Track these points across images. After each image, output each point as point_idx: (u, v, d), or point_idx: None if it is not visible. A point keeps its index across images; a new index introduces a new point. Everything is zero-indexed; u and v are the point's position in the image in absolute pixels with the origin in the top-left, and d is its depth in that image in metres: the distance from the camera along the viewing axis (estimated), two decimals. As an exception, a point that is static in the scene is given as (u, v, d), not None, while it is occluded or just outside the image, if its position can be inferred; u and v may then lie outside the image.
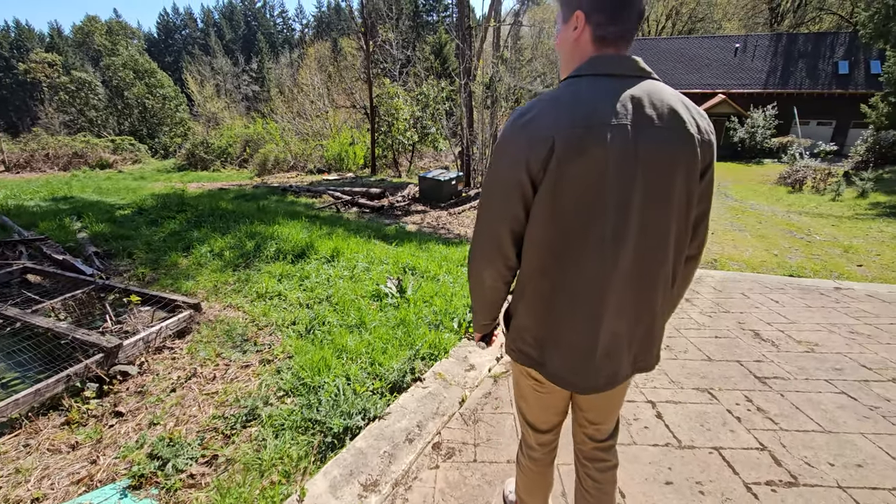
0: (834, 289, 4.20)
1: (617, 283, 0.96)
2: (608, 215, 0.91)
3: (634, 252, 0.95)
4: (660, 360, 1.12)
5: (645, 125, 0.89)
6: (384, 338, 3.00)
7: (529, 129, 0.91)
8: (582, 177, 0.89)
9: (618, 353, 1.03)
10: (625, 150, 0.88)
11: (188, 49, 71.69)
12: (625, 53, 0.95)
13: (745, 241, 6.52)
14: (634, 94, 0.90)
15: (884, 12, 15.53)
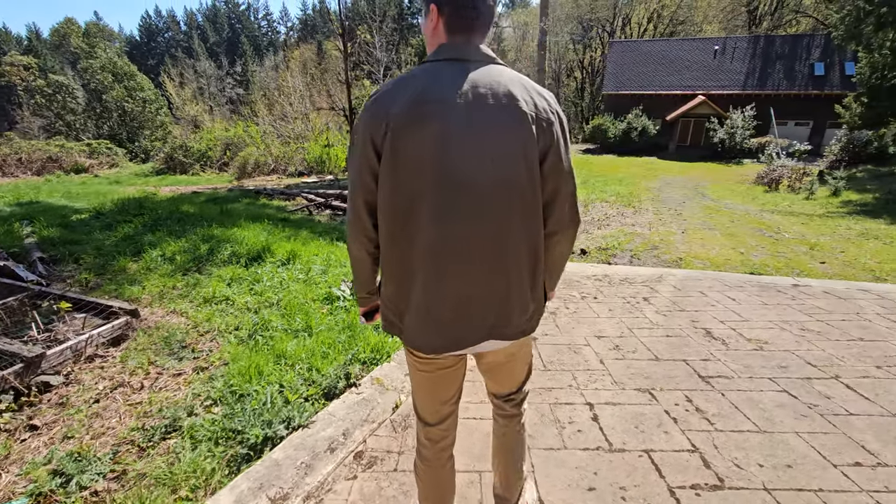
0: (792, 286, 4.20)
1: (456, 250, 1.01)
2: (443, 186, 0.97)
3: (473, 222, 1.00)
4: (529, 333, 1.17)
5: (480, 103, 0.96)
6: (327, 342, 2.90)
7: (373, 108, 1.00)
8: (416, 150, 0.96)
9: (466, 318, 1.07)
10: (458, 126, 0.95)
11: (171, 52, 70.87)
12: (476, 42, 1.03)
13: (713, 239, 6.54)
14: (473, 76, 0.98)
15: (854, 14, 15.85)
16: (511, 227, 1.02)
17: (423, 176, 0.97)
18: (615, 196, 12.35)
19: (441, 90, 0.96)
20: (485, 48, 1.03)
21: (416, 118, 0.95)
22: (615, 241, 6.41)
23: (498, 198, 0.99)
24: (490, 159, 0.97)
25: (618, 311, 3.63)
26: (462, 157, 0.96)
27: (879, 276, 4.71)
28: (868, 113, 17.07)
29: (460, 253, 1.01)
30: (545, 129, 1.01)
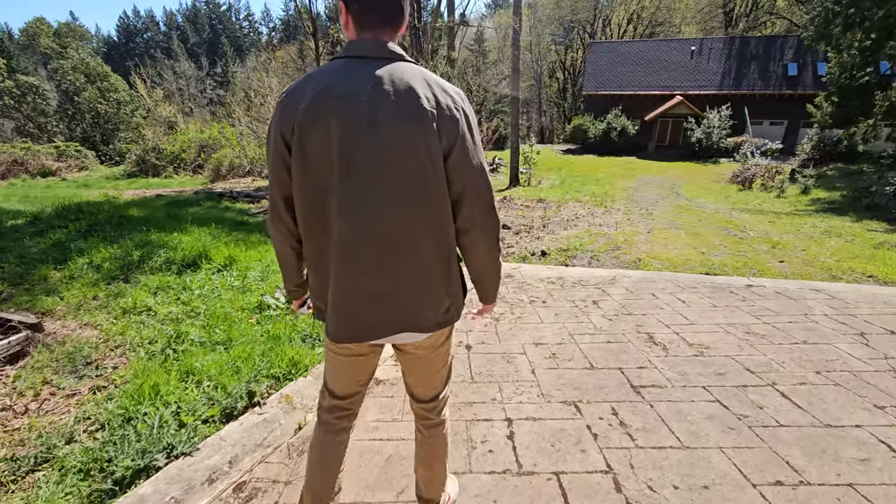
0: (745, 286, 4.11)
1: (362, 244, 1.03)
2: (347, 181, 0.99)
3: (376, 217, 1.02)
4: (447, 325, 1.19)
5: (382, 100, 0.97)
6: (243, 356, 2.69)
7: (283, 104, 1.03)
8: (320, 145, 0.98)
9: (375, 310, 1.10)
10: (359, 123, 0.97)
11: (150, 53, 69.66)
12: (383, 38, 1.03)
13: (677, 239, 6.47)
14: (377, 73, 0.99)
15: (823, 15, 16.10)
16: (415, 223, 1.04)
17: (330, 171, 0.99)
18: (589, 196, 12.31)
19: (344, 87, 0.98)
20: (393, 45, 1.04)
21: (319, 114, 0.97)
22: (578, 241, 6.29)
23: (400, 193, 1.01)
24: (391, 155, 0.98)
25: (564, 315, 3.49)
26: (363, 153, 0.97)
27: (836, 275, 4.65)
28: (838, 112, 17.37)
29: (365, 247, 1.04)
30: (448, 126, 1.01)
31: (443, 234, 1.08)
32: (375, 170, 0.98)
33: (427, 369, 1.32)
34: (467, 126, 1.04)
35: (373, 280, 1.06)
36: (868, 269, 4.84)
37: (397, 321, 1.12)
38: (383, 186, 1.00)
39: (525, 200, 11.73)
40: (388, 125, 0.97)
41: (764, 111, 24.64)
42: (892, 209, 9.07)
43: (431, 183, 1.02)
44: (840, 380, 2.45)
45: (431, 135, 0.98)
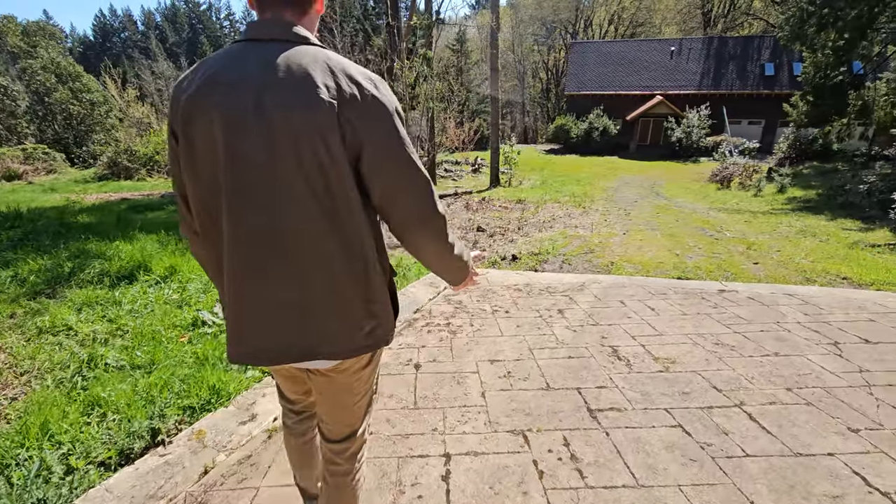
0: (718, 292, 3.94)
1: (251, 247, 0.91)
2: (234, 176, 0.87)
3: (267, 216, 0.89)
4: (368, 351, 1.03)
5: (272, 87, 0.84)
6: (159, 383, 2.40)
7: (174, 92, 0.93)
8: (206, 138, 0.88)
9: (272, 328, 0.96)
10: (246, 111, 0.84)
11: (128, 52, 68.35)
12: (285, 19, 0.91)
13: (653, 240, 6.32)
14: (272, 58, 0.86)
15: (798, 15, 16.26)
16: (315, 227, 0.90)
17: (217, 165, 0.88)
18: (569, 196, 12.19)
19: (233, 73, 0.86)
20: (300, 28, 0.91)
21: (203, 103, 0.86)
22: (552, 244, 6.10)
23: (294, 191, 0.87)
24: (281, 149, 0.85)
25: (526, 327, 3.26)
26: (251, 146, 0.85)
27: (810, 277, 4.52)
28: (813, 111, 17.60)
29: (255, 252, 0.91)
30: (354, 118, 0.86)
31: (353, 242, 0.93)
32: (264, 164, 0.85)
33: (340, 397, 1.13)
34: (384, 118, 0.89)
35: (265, 291, 0.93)
36: (842, 270, 4.73)
37: (302, 344, 0.97)
38: (274, 183, 0.86)
39: (504, 201, 11.55)
40: (278, 115, 0.83)
41: (742, 111, 24.93)
42: (865, 207, 9.10)
43: (334, 181, 0.87)
44: (812, 398, 2.27)
45: (330, 127, 0.84)
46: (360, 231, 0.94)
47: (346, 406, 1.15)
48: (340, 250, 0.93)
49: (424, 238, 1.00)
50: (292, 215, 0.88)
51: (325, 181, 0.87)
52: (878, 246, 5.84)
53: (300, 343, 0.97)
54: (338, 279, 0.94)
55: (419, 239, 1.00)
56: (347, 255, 0.93)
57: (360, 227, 0.94)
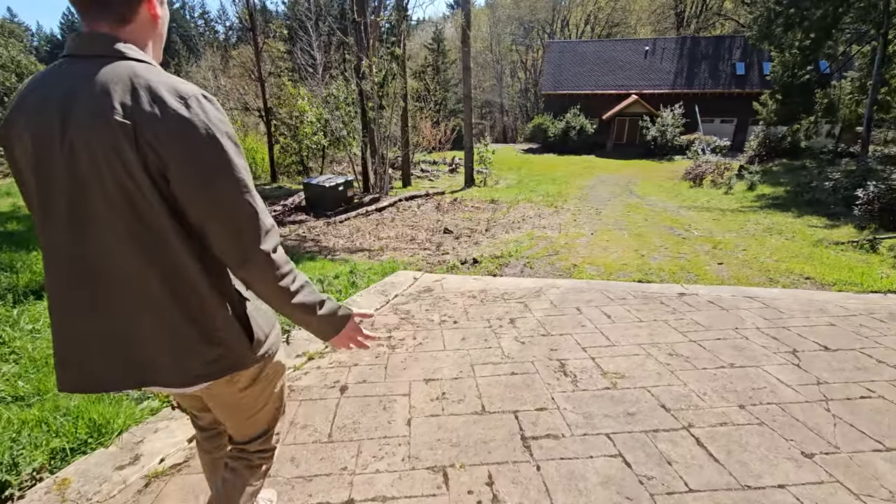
0: (678, 295, 3.76)
1: (71, 275, 0.89)
2: (46, 207, 0.86)
3: (78, 241, 0.86)
4: (213, 378, 0.97)
5: (75, 107, 0.80)
6: (35, 419, 2.07)
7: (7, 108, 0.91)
8: (21, 162, 0.86)
9: (92, 354, 0.93)
10: (53, 133, 0.81)
11: None
12: (101, 30, 0.84)
13: (620, 240, 6.17)
14: (80, 77, 0.81)
15: (766, 15, 16.52)
16: (127, 251, 0.85)
17: (31, 191, 0.86)
18: (543, 196, 12.06)
19: (43, 93, 0.83)
20: (120, 44, 0.83)
21: (16, 126, 0.84)
22: (516, 246, 5.89)
23: (102, 215, 0.83)
24: (83, 171, 0.80)
25: (472, 339, 3.01)
26: (57, 175, 0.82)
27: (773, 278, 4.40)
28: (782, 109, 17.92)
29: (68, 277, 0.88)
30: (153, 140, 0.78)
31: (178, 274, 0.88)
32: (70, 192, 0.83)
33: (231, 412, 1.14)
34: (192, 139, 0.80)
35: (84, 317, 0.91)
36: (806, 269, 4.63)
37: (131, 371, 0.95)
38: (83, 213, 0.84)
39: (477, 202, 11.35)
40: (78, 140, 0.80)
41: (715, 109, 25.32)
42: (830, 204, 9.18)
43: (144, 209, 0.83)
44: (766, 417, 2.07)
45: (128, 150, 0.78)
46: (183, 262, 0.88)
47: (240, 420, 1.15)
48: (162, 283, 0.88)
49: (249, 277, 0.91)
50: (107, 246, 0.85)
51: (133, 209, 0.82)
52: (842, 243, 5.81)
53: (130, 373, 0.95)
54: (163, 306, 0.89)
55: (244, 276, 0.91)
56: (172, 289, 0.89)
57: (183, 257, 0.88)
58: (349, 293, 3.99)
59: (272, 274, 0.90)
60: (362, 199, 10.52)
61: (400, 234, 7.48)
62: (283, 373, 1.23)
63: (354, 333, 1.10)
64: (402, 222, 8.62)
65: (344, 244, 6.93)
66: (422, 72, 30.68)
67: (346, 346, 1.11)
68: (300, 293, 0.96)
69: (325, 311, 1.01)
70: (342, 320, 1.06)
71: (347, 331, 1.08)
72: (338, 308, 1.05)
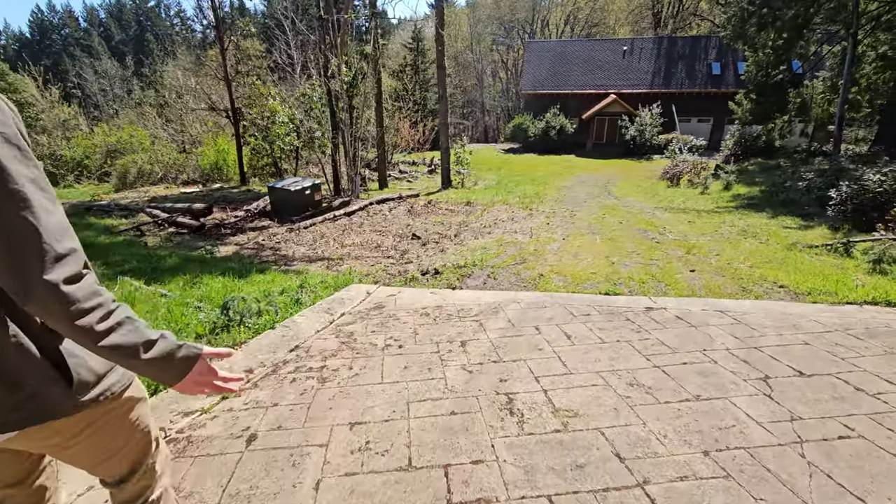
0: (645, 310, 3.50)
1: None
2: None
3: None
4: (27, 425, 0.85)
5: None
6: None
7: None
8: None
9: None
10: None
11: (69, 51, 64.57)
12: None
13: (591, 246, 5.92)
14: None
15: (740, 15, 16.60)
16: None
17: None
18: (520, 197, 11.81)
19: None
20: None
21: None
22: (483, 254, 5.59)
23: None
24: None
25: (416, 368, 2.69)
26: None
27: (746, 287, 4.18)
28: (757, 109, 18.06)
29: None
30: None
31: None
32: None
33: (75, 460, 1.00)
34: None
35: None
36: (779, 276, 4.43)
37: None
38: None
39: (452, 204, 11.04)
40: None
41: (692, 109, 25.51)
42: (804, 204, 9.13)
43: None
44: (733, 466, 1.79)
45: None
46: None
47: (94, 465, 1.03)
48: None
49: (40, 317, 0.82)
50: None
51: None
52: (816, 247, 5.66)
53: None
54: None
55: (39, 313, 0.79)
56: None
57: None
58: (290, 312, 3.62)
59: (64, 310, 0.75)
60: (332, 203, 10.11)
61: (366, 241, 7.11)
62: (143, 405, 1.07)
63: (205, 378, 0.94)
64: (371, 227, 8.25)
65: (304, 252, 6.53)
66: (401, 71, 30.27)
67: (196, 392, 0.95)
68: (113, 333, 0.80)
69: (154, 353, 0.85)
70: (185, 363, 0.90)
71: (195, 375, 0.92)
72: (176, 348, 0.89)
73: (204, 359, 0.94)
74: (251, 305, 3.40)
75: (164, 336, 0.88)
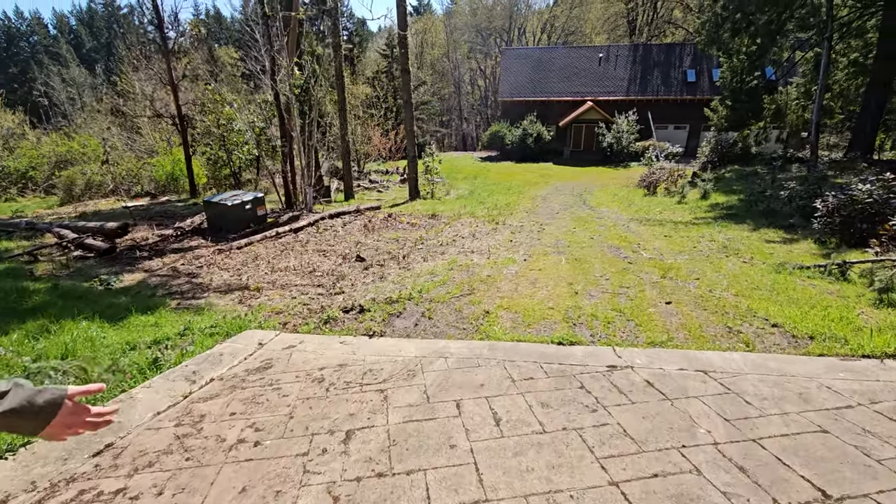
0: (607, 369, 2.67)
1: None
2: None
3: None
4: None
5: None
6: None
7: None
8: None
9: None
10: None
11: (37, 58, 62.43)
12: None
13: (554, 270, 5.11)
14: None
15: (713, 20, 16.31)
16: None
17: None
18: (489, 208, 11.04)
19: None
20: None
21: None
22: (427, 282, 4.72)
23: None
24: None
25: (258, 492, 1.79)
26: None
27: (733, 326, 3.40)
28: (732, 115, 17.77)
29: None
30: None
31: None
32: None
33: None
34: None
35: None
36: (771, 310, 3.67)
37: None
38: None
39: (415, 217, 10.17)
40: None
41: (668, 116, 25.30)
42: (785, 214, 8.54)
43: None
44: None
45: None
46: None
47: None
48: None
49: None
50: None
51: None
52: (807, 268, 4.95)
53: None
54: None
55: None
56: None
57: None
58: (138, 380, 2.69)
59: None
60: (279, 217, 9.14)
61: (302, 264, 6.18)
62: None
63: (75, 419, 0.87)
64: (316, 246, 7.32)
65: (225, 280, 5.58)
66: (375, 78, 29.45)
67: (68, 436, 0.88)
68: None
69: (10, 405, 0.79)
70: (50, 408, 0.84)
71: (63, 418, 0.86)
72: (35, 394, 0.82)
73: (72, 398, 0.86)
74: (61, 376, 2.45)
75: (19, 384, 0.81)
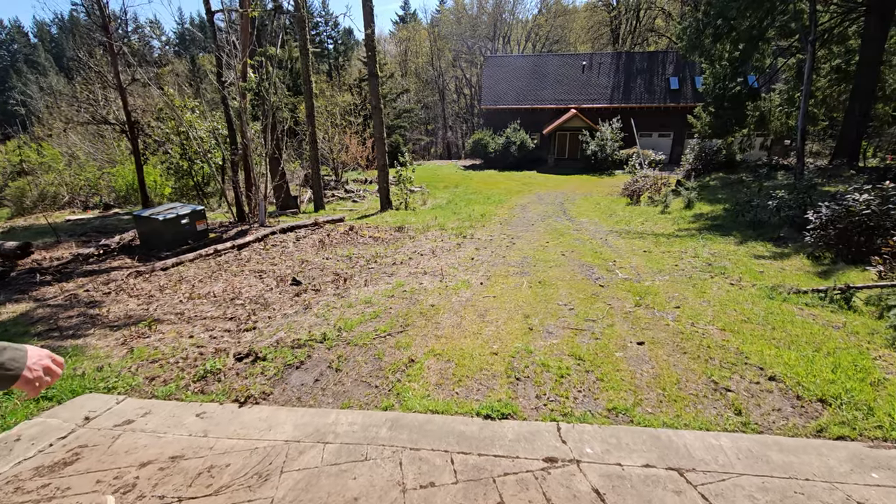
0: (543, 466, 1.89)
1: None
2: None
3: None
4: None
5: None
6: None
7: None
8: None
9: None
10: None
11: (17, 66, 61.08)
12: None
13: (513, 296, 4.35)
14: None
15: (695, 26, 15.93)
16: None
17: None
18: (461, 220, 10.30)
19: None
20: None
21: None
22: (356, 314, 3.93)
23: None
24: None
25: None
26: None
27: (719, 380, 2.66)
28: (716, 122, 17.35)
29: None
30: None
31: None
32: None
33: None
34: None
35: None
36: (767, 355, 2.93)
37: None
38: None
39: (379, 230, 9.37)
40: None
41: (652, 123, 24.96)
42: (774, 225, 7.93)
43: None
44: None
45: None
46: None
47: None
48: None
49: None
50: None
51: None
52: (804, 292, 4.26)
53: None
54: None
55: None
56: None
57: None
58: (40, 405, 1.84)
59: None
60: (224, 233, 8.29)
61: (226, 290, 5.34)
62: None
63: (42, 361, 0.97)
64: (255, 266, 6.49)
65: (126, 312, 4.71)
66: (356, 86, 28.81)
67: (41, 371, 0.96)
68: None
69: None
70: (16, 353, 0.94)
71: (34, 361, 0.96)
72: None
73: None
74: None
75: None
